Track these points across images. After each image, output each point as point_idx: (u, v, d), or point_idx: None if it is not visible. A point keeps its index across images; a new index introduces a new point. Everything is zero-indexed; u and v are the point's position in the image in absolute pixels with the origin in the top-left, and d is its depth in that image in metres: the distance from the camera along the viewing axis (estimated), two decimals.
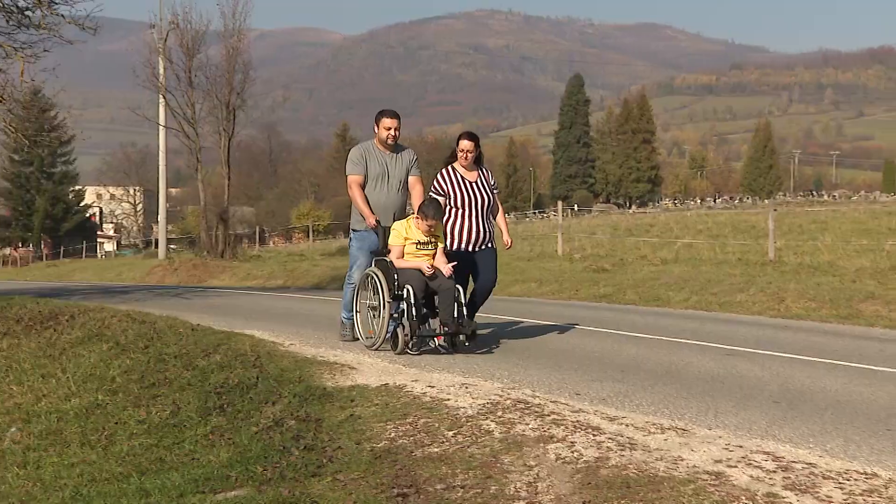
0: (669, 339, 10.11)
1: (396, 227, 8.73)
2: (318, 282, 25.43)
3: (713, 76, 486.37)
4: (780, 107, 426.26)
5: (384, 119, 9.14)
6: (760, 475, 4.69)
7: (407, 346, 8.42)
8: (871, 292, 13.30)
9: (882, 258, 18.78)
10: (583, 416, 6.02)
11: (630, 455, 5.08)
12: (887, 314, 12.00)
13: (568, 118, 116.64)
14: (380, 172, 9.10)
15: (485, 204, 9.17)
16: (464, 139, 9.24)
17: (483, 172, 9.33)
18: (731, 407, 6.43)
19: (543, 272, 20.55)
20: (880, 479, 4.63)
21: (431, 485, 4.83)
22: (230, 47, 35.00)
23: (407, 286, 8.41)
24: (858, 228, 30.24)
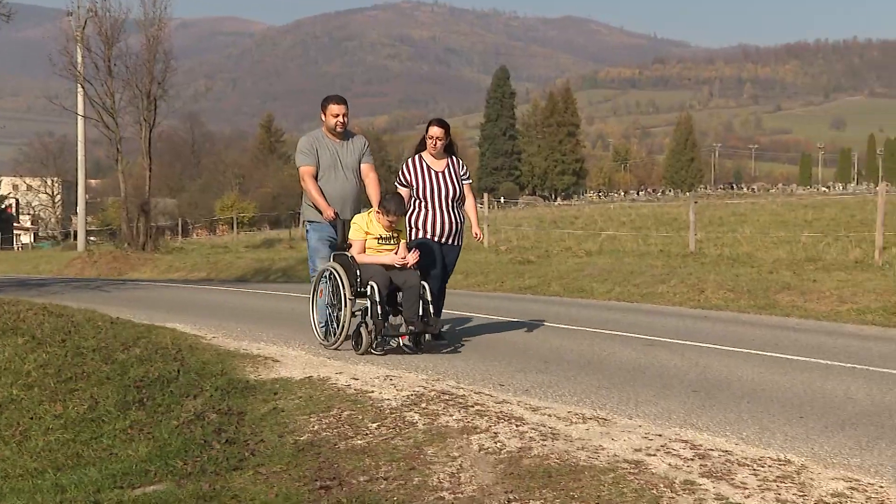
0: (592, 329, 10.22)
1: (357, 221, 8.32)
2: (243, 274, 25.16)
3: (636, 70, 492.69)
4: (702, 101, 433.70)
5: (331, 105, 8.73)
6: (678, 463, 4.77)
7: (371, 346, 7.99)
8: (787, 283, 13.60)
9: (798, 249, 19.22)
10: (506, 406, 6.05)
11: (552, 445, 5.12)
12: (802, 304, 12.28)
13: (494, 110, 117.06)
14: (331, 162, 8.66)
15: (451, 195, 8.71)
16: (433, 125, 8.80)
17: (453, 162, 8.85)
18: (651, 396, 6.53)
19: (469, 264, 20.59)
20: (793, 466, 4.74)
21: (355, 477, 4.82)
22: (150, 36, 34.40)
23: (371, 283, 7.96)
24: (776, 220, 30.93)
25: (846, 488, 4.35)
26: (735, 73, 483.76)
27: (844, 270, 15.46)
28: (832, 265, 16.37)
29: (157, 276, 26.97)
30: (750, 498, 4.21)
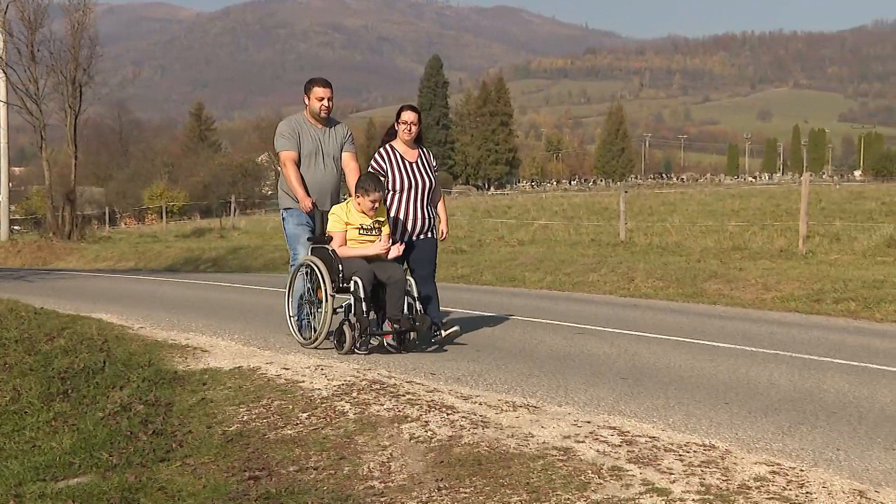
0: (524, 318, 10.27)
1: (335, 212, 7.74)
2: (172, 264, 24.84)
3: (568, 60, 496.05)
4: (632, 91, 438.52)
5: (316, 88, 8.11)
6: (606, 449, 4.82)
7: (354, 345, 7.49)
8: (715, 271, 13.82)
9: (725, 238, 19.55)
10: (437, 395, 6.06)
11: (482, 433, 5.14)
12: (728, 292, 12.49)
13: (427, 100, 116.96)
14: (313, 149, 8.08)
15: (426, 188, 8.19)
16: (406, 111, 8.25)
17: (424, 153, 8.33)
18: (580, 384, 6.58)
19: None
20: (717, 451, 4.82)
21: (284, 467, 4.79)
22: (75, 21, 33.72)
23: (355, 278, 7.44)
24: (704, 210, 31.43)
25: (768, 472, 4.44)
26: (664, 64, 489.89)
27: (769, 259, 15.78)
28: (758, 254, 16.69)
29: (84, 266, 26.49)
30: (675, 483, 4.27)
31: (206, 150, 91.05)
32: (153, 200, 65.52)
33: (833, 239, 18.67)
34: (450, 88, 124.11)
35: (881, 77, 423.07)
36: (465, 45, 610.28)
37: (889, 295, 11.06)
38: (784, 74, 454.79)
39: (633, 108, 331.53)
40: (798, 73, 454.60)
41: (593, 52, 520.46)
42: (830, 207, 28.18)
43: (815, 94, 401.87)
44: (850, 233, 19.42)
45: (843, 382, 6.69)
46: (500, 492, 4.26)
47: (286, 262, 22.35)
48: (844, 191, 44.32)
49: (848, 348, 8.21)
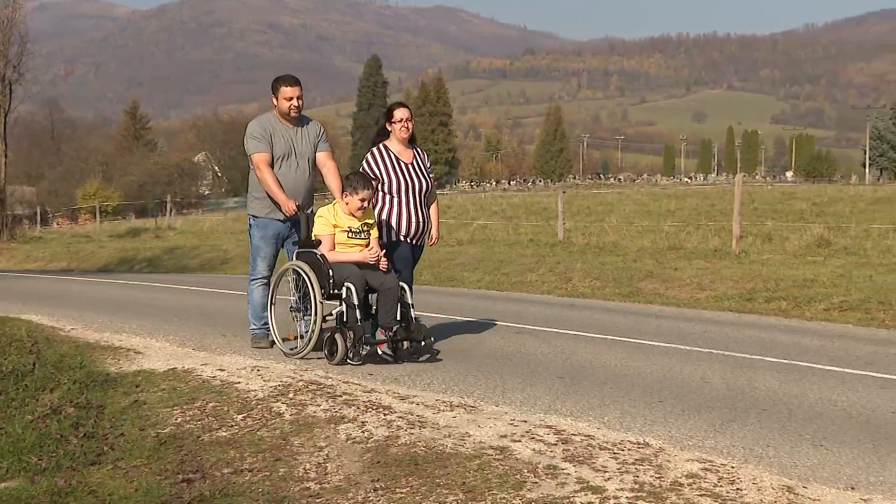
0: (462, 318, 10.29)
1: (322, 214, 7.32)
2: (106, 264, 24.46)
3: (507, 60, 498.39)
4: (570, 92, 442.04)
5: (283, 88, 7.70)
6: (542, 448, 4.85)
7: (346, 354, 7.06)
8: (651, 271, 13.98)
9: (661, 238, 19.79)
10: (375, 396, 6.05)
11: (419, 433, 5.14)
12: (664, 292, 12.65)
13: (366, 99, 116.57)
14: (285, 150, 7.67)
15: (423, 190, 7.76)
16: (399, 108, 7.79)
17: (418, 153, 7.89)
18: (518, 383, 6.61)
19: None
20: (651, 448, 4.88)
21: (218, 469, 4.74)
22: (4, 18, 33.13)
23: (347, 285, 7.05)
24: (641, 210, 31.78)
25: (700, 469, 4.50)
26: (602, 65, 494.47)
27: (704, 259, 16.00)
28: (692, 254, 16.92)
29: (14, 266, 25.97)
30: (609, 481, 4.31)
31: (142, 150, 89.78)
32: (87, 200, 64.44)
33: (765, 239, 18.99)
34: (389, 88, 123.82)
35: (811, 80, 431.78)
36: (404, 45, 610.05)
37: (819, 294, 11.28)
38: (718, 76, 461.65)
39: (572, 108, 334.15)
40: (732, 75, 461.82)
41: (532, 52, 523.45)
42: (763, 208, 28.67)
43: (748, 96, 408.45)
44: (782, 233, 19.78)
45: (774, 380, 6.80)
46: (437, 491, 4.26)
47: (223, 261, 22.26)
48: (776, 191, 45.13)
49: (779, 346, 8.35)
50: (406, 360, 7.20)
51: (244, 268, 20.66)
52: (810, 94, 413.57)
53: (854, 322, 9.93)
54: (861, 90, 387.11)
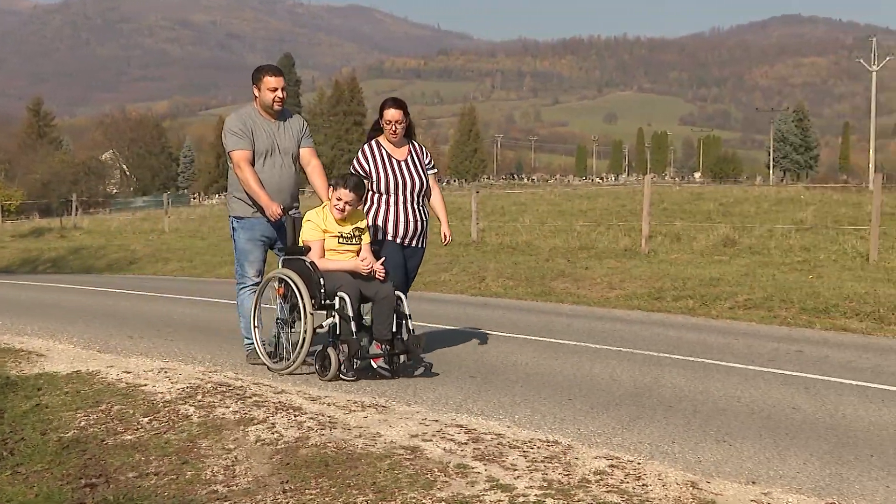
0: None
1: (311, 218, 6.76)
2: (8, 265, 23.80)
3: (421, 60, 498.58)
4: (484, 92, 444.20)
5: (266, 78, 7.09)
6: (453, 447, 4.86)
7: (340, 369, 6.56)
8: (562, 270, 14.14)
9: (573, 238, 20.02)
10: (285, 397, 6.00)
11: (330, 434, 5.11)
12: (576, 291, 12.80)
13: None
14: (268, 146, 7.06)
15: (416, 189, 7.28)
16: (389, 107, 7.27)
17: (415, 148, 7.43)
18: (429, 383, 6.62)
19: None
20: (560, 446, 4.93)
21: (123, 473, 4.64)
22: None
23: (340, 294, 6.56)
24: (554, 210, 32.05)
25: (608, 466, 4.56)
26: (515, 66, 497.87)
27: (614, 258, 16.24)
28: (603, 253, 17.16)
29: None
30: (519, 479, 4.34)
31: (46, 147, 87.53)
32: None
33: (674, 238, 19.35)
34: (302, 87, 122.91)
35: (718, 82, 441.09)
36: (317, 44, 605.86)
37: (724, 292, 11.54)
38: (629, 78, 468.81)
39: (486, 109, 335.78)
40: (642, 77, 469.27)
41: (446, 53, 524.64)
42: (672, 208, 29.16)
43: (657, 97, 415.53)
44: (690, 232, 20.17)
45: (680, 377, 6.94)
46: (347, 492, 4.24)
47: (131, 262, 21.83)
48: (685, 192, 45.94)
49: (685, 344, 8.52)
50: (402, 375, 6.74)
51: (152, 268, 20.40)
52: (717, 96, 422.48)
53: (757, 320, 10.18)
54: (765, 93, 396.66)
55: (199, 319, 10.18)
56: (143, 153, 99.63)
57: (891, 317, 9.65)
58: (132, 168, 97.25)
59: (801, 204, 28.44)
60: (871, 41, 71.23)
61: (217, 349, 7.92)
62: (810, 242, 17.50)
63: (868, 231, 15.72)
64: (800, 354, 8.01)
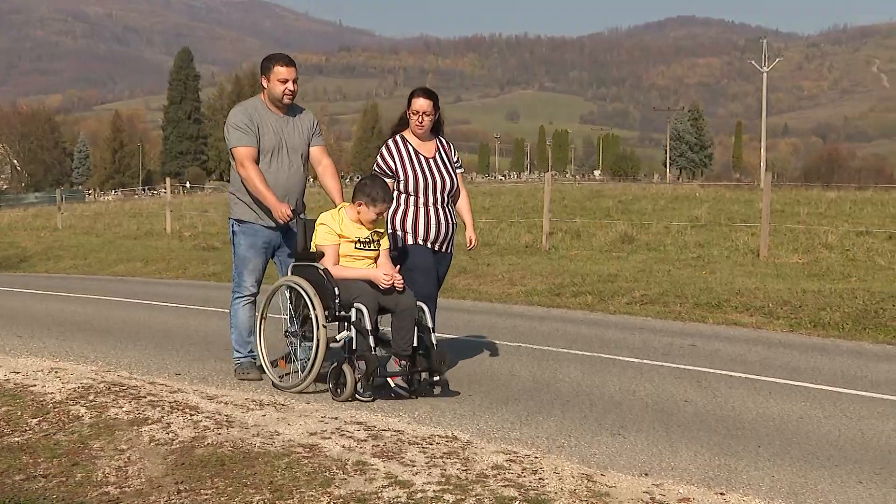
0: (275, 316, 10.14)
1: (325, 222, 6.13)
2: None
3: (323, 57, 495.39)
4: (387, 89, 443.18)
5: (277, 67, 6.49)
6: (352, 445, 4.85)
7: (356, 388, 5.92)
8: (465, 267, 14.19)
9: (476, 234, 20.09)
10: (181, 396, 5.91)
11: (227, 433, 5.05)
12: (477, 287, 12.87)
13: (177, 93, 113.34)
14: (275, 143, 6.49)
15: (447, 189, 6.64)
16: (418, 97, 6.63)
17: (443, 145, 6.81)
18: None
19: (150, 251, 19.93)
20: (459, 442, 4.96)
21: (9, 476, 4.51)
22: None
23: (357, 306, 5.92)
24: None
25: (505, 460, 4.61)
26: (418, 63, 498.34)
27: (515, 254, 16.40)
28: (505, 249, 17.31)
29: None
30: (417, 475, 4.35)
31: None
32: None
33: (574, 235, 19.62)
34: (202, 82, 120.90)
35: (617, 82, 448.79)
36: (216, 38, 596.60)
37: (622, 288, 11.75)
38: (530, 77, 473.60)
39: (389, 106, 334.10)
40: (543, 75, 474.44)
41: (348, 49, 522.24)
42: (573, 205, 29.56)
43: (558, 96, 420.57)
44: (590, 229, 20.48)
45: (578, 372, 7.04)
46: (243, 491, 4.19)
47: (21, 259, 21.21)
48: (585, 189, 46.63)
49: (583, 339, 8.65)
50: (423, 395, 6.09)
51: (44, 266, 19.86)
52: (616, 95, 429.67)
53: (653, 315, 10.39)
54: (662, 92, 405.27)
55: (93, 318, 9.94)
56: (35, 148, 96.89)
57: (779, 311, 9.95)
58: (24, 163, 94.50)
59: (696, 201, 29.13)
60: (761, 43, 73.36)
61: (111, 349, 7.75)
62: (704, 239, 17.95)
63: (759, 228, 16.18)
64: (693, 348, 8.21)
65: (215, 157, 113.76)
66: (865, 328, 9.10)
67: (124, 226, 29.18)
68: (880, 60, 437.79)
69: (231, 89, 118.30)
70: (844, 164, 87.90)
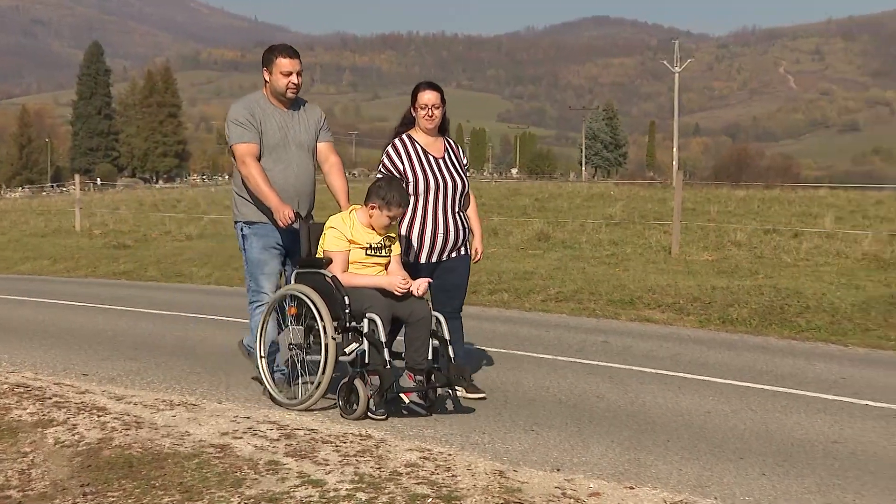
0: (188, 314, 10.04)
1: (335, 225, 5.69)
2: None
3: (238, 52, 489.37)
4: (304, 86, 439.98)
5: (280, 59, 6.09)
6: (265, 444, 4.80)
7: (369, 405, 5.47)
8: None
9: None
10: (89, 397, 5.79)
11: (136, 434, 4.96)
12: None
13: (87, 88, 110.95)
14: (279, 139, 6.04)
15: (458, 191, 6.21)
16: (424, 90, 6.21)
17: (450, 145, 6.37)
18: (242, 380, 6.52)
19: (59, 249, 19.46)
20: (373, 440, 4.95)
21: None
22: None
23: (370, 316, 5.46)
24: None
25: (419, 458, 4.61)
26: (334, 60, 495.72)
27: None
28: None
29: None
30: (331, 474, 4.33)
31: None
32: None
33: (491, 233, 19.69)
34: (113, 77, 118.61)
35: (534, 80, 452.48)
36: (128, 32, 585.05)
37: (537, 286, 11.85)
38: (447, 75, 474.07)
39: None
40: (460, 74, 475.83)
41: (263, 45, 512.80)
42: (490, 203, 29.69)
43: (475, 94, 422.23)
44: (507, 227, 20.61)
45: (493, 369, 7.08)
46: (152, 493, 4.12)
47: None
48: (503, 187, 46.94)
49: (499, 336, 8.70)
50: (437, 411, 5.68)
51: None
52: (533, 94, 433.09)
53: (568, 312, 10.50)
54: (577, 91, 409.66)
55: (4, 315, 9.68)
56: None
57: (689, 308, 10.15)
58: None
59: (611, 200, 29.53)
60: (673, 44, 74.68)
61: (15, 349, 7.56)
62: (618, 237, 18.20)
63: (671, 226, 16.48)
64: (606, 345, 8.32)
65: (127, 154, 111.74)
66: (771, 324, 9.33)
67: (31, 223, 28.42)
68: (787, 62, 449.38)
69: (143, 84, 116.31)
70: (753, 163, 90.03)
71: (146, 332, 8.71)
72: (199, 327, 9.10)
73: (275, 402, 5.79)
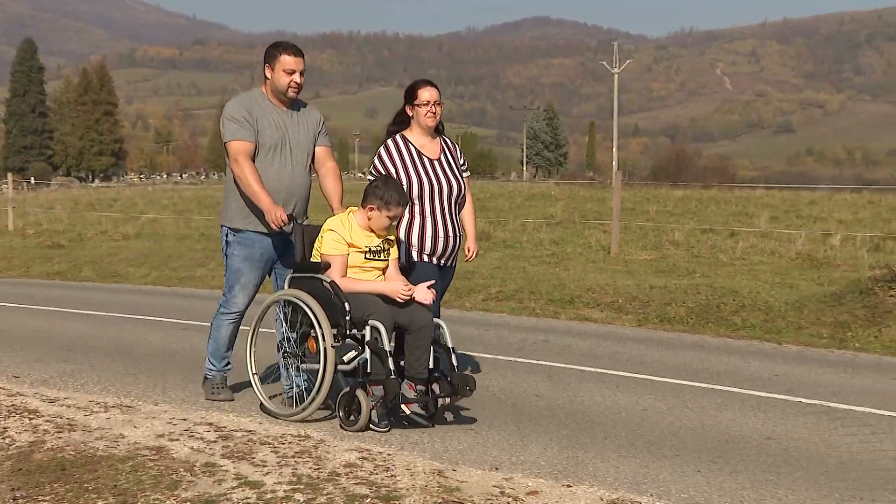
0: (123, 315, 9.90)
1: (333, 228, 5.43)
2: None
3: (176, 50, 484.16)
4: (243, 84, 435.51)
5: (284, 56, 5.84)
6: (201, 446, 4.75)
7: (371, 417, 5.25)
8: None
9: None
10: (20, 399, 5.69)
11: (68, 436, 4.89)
12: None
13: (21, 85, 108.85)
14: (277, 139, 5.78)
15: (454, 194, 5.96)
16: (425, 87, 5.95)
17: (448, 146, 6.11)
18: (179, 381, 6.45)
19: None
20: (311, 441, 4.93)
21: None
22: None
23: (373, 323, 5.25)
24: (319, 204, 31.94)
25: (358, 458, 4.60)
26: None
27: None
28: None
29: None
30: (268, 475, 4.30)
31: None
32: None
33: None
34: (47, 74, 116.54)
35: (475, 80, 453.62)
36: (62, 30, 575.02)
37: (478, 285, 11.87)
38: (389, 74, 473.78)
39: None
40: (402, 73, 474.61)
41: (202, 43, 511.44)
42: None
43: None
44: None
45: None
46: (85, 496, 4.05)
47: None
48: None
49: None
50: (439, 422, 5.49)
51: None
52: (474, 94, 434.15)
53: (508, 311, 10.54)
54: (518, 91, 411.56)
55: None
56: None
57: (628, 307, 10.25)
58: None
59: (552, 199, 29.72)
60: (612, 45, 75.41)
61: None
62: (559, 236, 18.32)
63: (610, 225, 16.63)
64: (546, 344, 8.37)
65: (62, 153, 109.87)
66: (708, 322, 9.46)
67: None
68: (723, 64, 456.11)
69: (78, 82, 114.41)
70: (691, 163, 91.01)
71: (80, 333, 8.57)
72: (135, 328, 8.97)
73: (268, 412, 5.56)
